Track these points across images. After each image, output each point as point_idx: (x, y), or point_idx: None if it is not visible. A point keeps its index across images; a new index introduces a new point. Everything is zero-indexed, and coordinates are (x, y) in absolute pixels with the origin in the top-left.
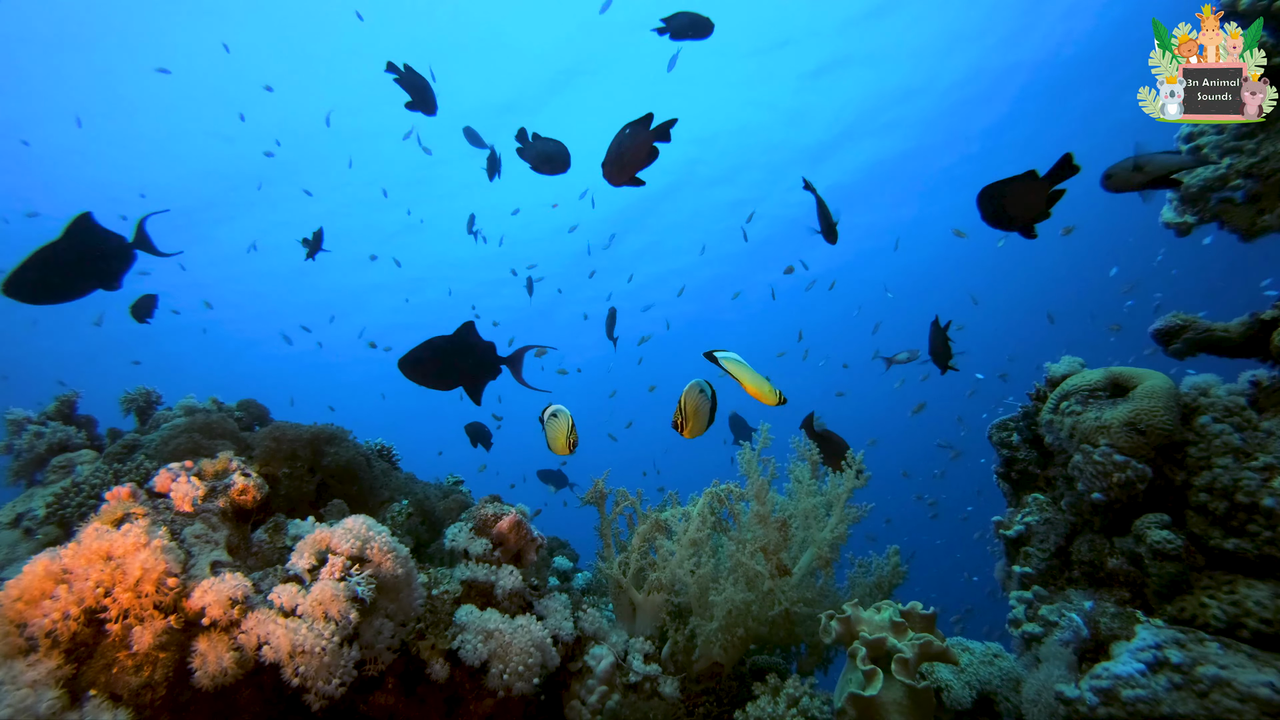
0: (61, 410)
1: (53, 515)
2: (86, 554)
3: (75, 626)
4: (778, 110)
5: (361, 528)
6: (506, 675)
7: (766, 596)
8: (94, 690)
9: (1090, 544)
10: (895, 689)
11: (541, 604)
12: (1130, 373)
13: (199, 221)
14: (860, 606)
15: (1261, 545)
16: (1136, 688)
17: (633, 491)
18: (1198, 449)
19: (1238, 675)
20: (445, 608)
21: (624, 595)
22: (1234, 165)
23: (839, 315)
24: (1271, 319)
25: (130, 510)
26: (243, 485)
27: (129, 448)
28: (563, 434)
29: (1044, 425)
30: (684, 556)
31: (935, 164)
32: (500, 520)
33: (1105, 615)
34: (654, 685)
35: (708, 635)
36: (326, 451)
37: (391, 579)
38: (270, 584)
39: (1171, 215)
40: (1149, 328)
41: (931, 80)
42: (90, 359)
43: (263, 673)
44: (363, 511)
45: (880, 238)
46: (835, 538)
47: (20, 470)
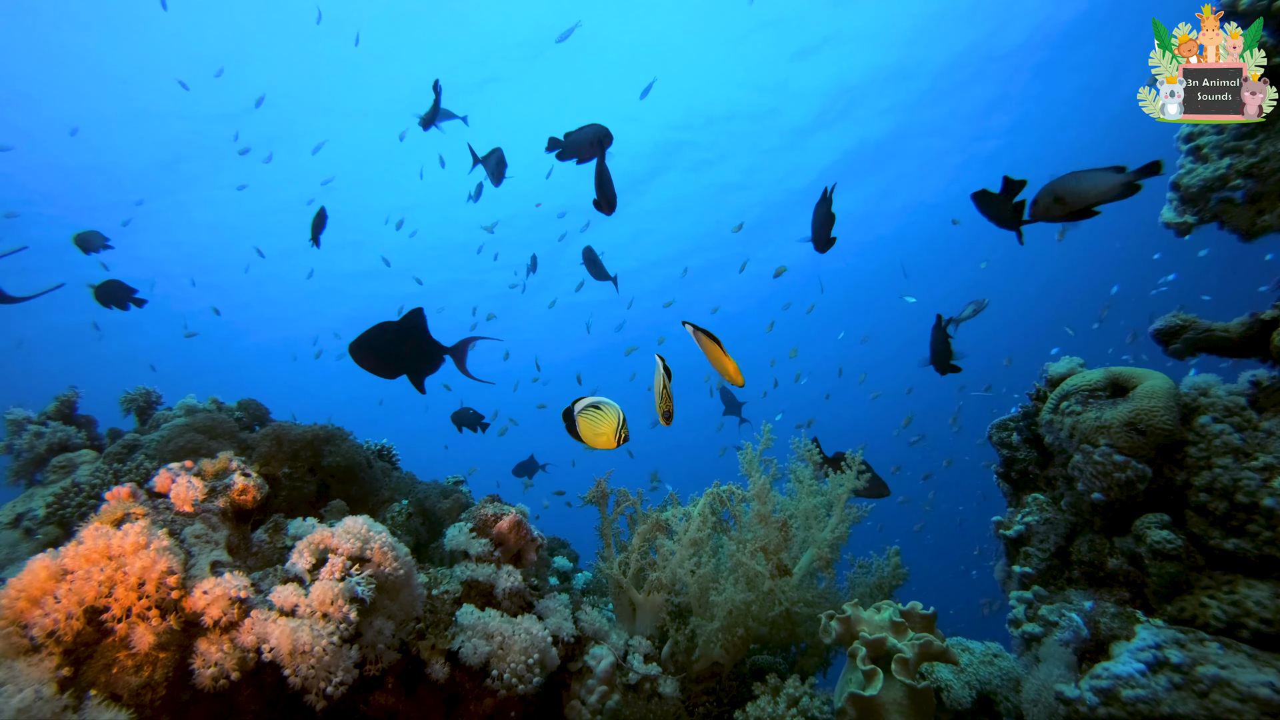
0: (61, 410)
1: (53, 515)
2: (87, 554)
3: (76, 626)
4: (764, 91)
5: (361, 528)
6: (506, 675)
7: (767, 596)
8: (94, 690)
9: (1090, 544)
10: (895, 689)
11: (541, 604)
12: (1130, 373)
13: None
14: (860, 606)
15: (1261, 545)
16: (1136, 688)
17: (632, 492)
18: (1198, 449)
19: (1238, 675)
20: (445, 608)
21: (624, 595)
22: (1234, 165)
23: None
24: (1271, 319)
25: (130, 510)
26: (243, 485)
27: (129, 448)
28: (612, 428)
29: (1044, 425)
30: (684, 556)
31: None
32: (500, 520)
33: (1105, 615)
34: (654, 685)
35: (708, 635)
36: (327, 452)
37: (392, 579)
38: (270, 584)
39: (1171, 215)
40: (1149, 328)
41: (921, 62)
42: (92, 360)
43: (263, 673)
44: (363, 511)
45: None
46: (836, 538)
47: (20, 470)
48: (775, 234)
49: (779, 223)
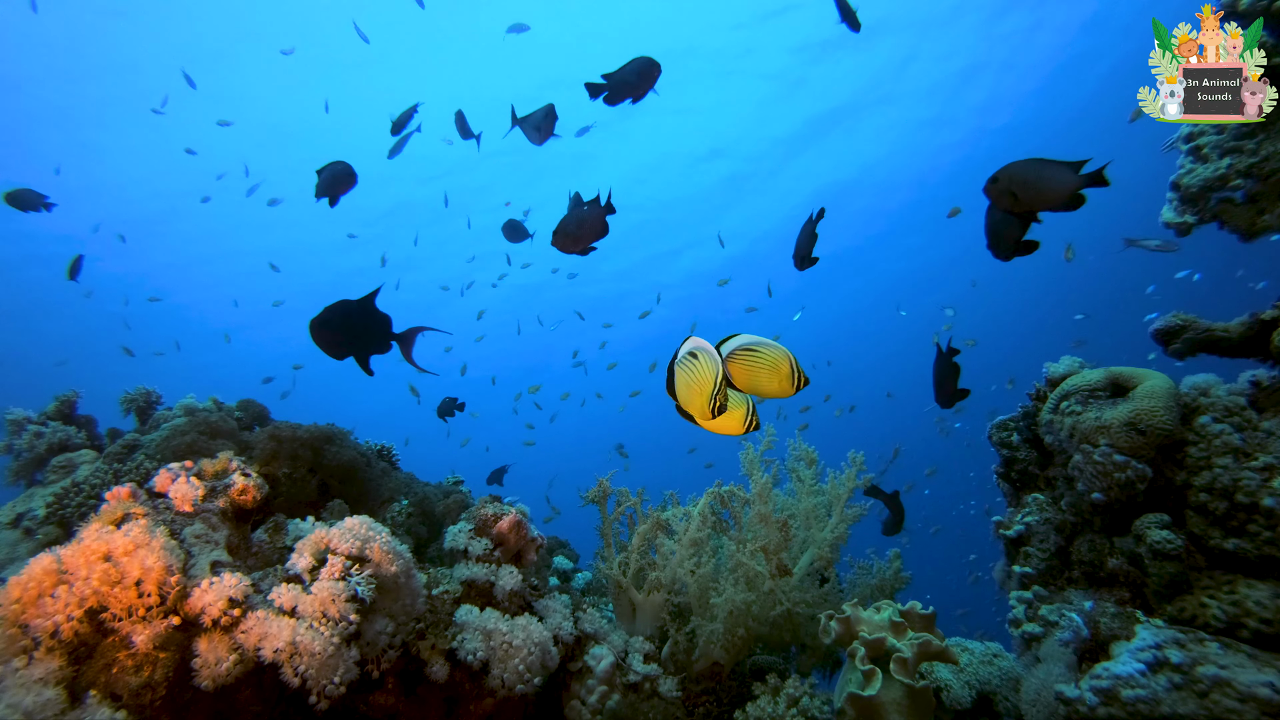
0: (61, 410)
1: (53, 515)
2: (87, 554)
3: (76, 626)
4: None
5: (361, 528)
6: (506, 675)
7: (767, 597)
8: (94, 690)
9: (1090, 544)
10: (894, 689)
11: (541, 604)
12: (1130, 373)
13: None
14: (860, 606)
15: (1261, 545)
16: (1136, 688)
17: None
18: (1198, 449)
19: (1238, 675)
20: (445, 608)
21: (624, 595)
22: (1234, 165)
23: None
24: (1271, 319)
25: (130, 510)
26: (243, 485)
27: (129, 448)
28: (708, 388)
29: (1044, 425)
30: (684, 556)
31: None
32: (500, 520)
33: (1105, 615)
34: (654, 685)
35: (708, 635)
36: (327, 452)
37: (391, 579)
38: (270, 584)
39: (1171, 215)
40: (1149, 328)
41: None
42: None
43: (263, 673)
44: (363, 511)
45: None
46: (835, 538)
47: (20, 470)
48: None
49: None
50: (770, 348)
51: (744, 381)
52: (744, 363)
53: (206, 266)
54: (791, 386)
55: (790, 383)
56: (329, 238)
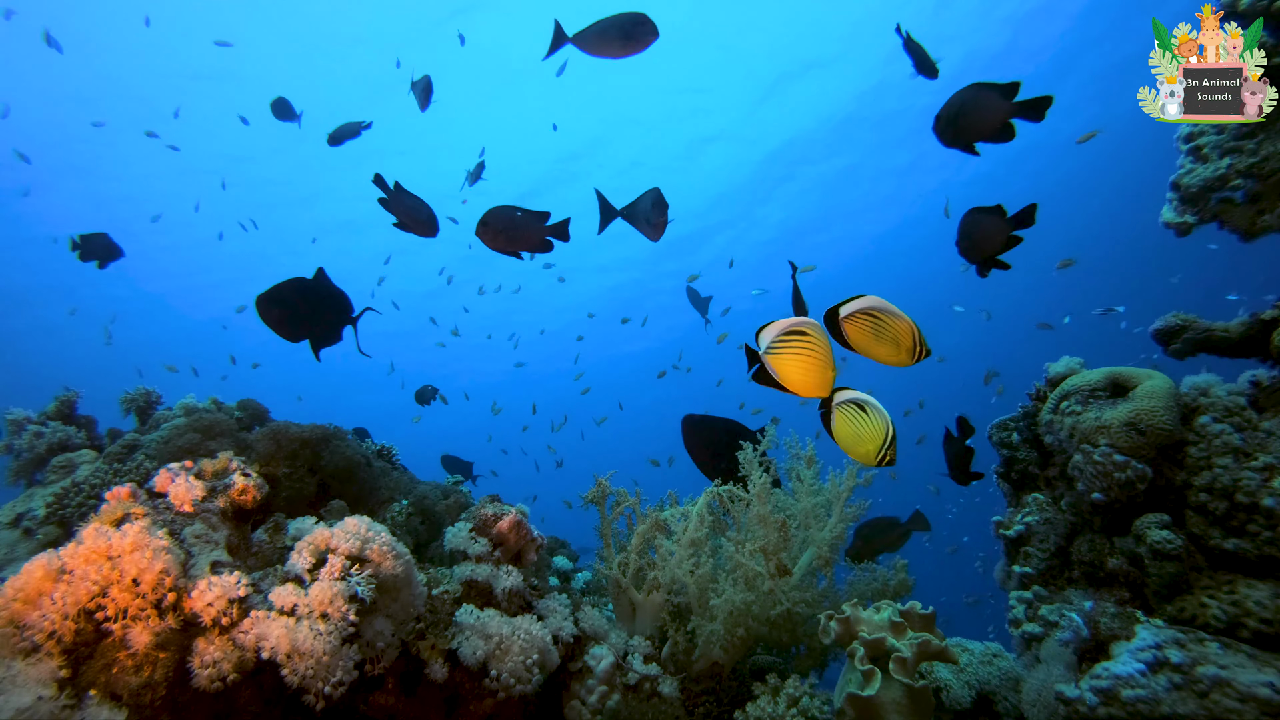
0: (61, 410)
1: (53, 515)
2: (86, 554)
3: (75, 626)
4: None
5: (361, 527)
6: (506, 675)
7: (767, 597)
8: (94, 690)
9: (1090, 544)
10: (894, 689)
11: (541, 604)
12: (1130, 373)
13: None
14: (859, 606)
15: (1261, 545)
16: (1136, 688)
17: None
18: (1198, 449)
19: (1238, 675)
20: (445, 608)
21: (624, 595)
22: (1234, 165)
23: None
24: (1271, 319)
25: (130, 510)
26: (243, 485)
27: (129, 448)
28: (878, 442)
29: (1044, 425)
30: (683, 556)
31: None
32: (500, 520)
33: (1105, 615)
34: (654, 685)
35: (708, 635)
36: (326, 451)
37: (391, 579)
38: (270, 584)
39: (1171, 215)
40: (1149, 328)
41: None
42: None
43: (262, 673)
44: (362, 511)
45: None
46: (835, 537)
47: (20, 470)
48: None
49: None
50: (897, 319)
51: (861, 346)
52: (866, 328)
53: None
54: (911, 359)
55: (911, 357)
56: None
